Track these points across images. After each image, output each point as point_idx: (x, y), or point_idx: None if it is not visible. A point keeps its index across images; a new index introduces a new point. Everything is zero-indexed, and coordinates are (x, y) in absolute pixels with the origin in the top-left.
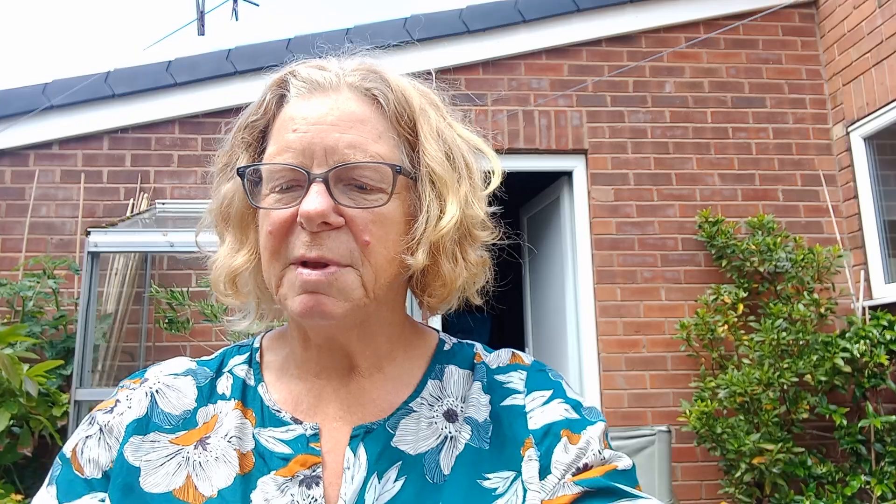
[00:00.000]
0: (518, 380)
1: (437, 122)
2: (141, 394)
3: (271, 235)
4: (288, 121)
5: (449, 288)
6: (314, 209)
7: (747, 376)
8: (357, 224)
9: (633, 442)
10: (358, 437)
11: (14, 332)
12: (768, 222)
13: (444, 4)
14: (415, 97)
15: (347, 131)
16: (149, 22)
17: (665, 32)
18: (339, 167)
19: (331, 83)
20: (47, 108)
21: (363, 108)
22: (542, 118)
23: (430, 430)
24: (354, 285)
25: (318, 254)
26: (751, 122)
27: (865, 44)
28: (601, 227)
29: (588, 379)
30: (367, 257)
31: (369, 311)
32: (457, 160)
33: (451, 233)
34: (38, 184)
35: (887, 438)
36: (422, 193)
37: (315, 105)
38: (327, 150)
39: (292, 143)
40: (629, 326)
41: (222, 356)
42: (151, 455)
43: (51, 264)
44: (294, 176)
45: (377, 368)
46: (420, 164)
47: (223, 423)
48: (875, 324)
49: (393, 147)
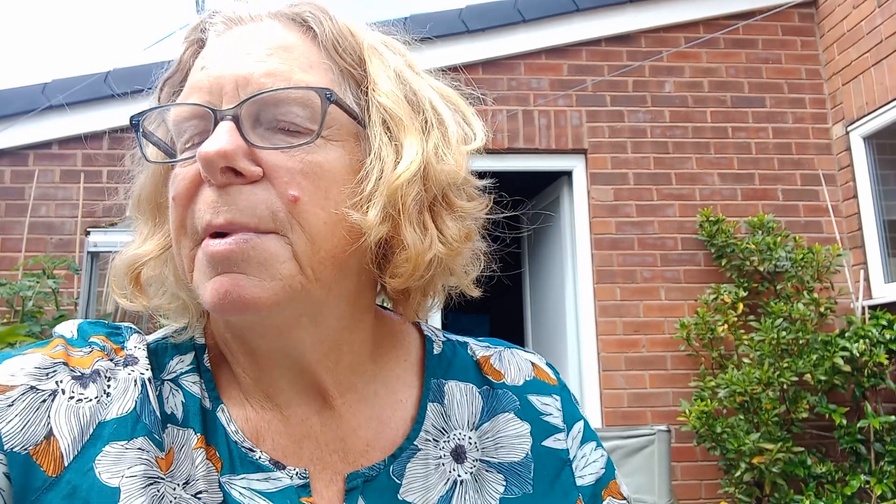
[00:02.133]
0: (556, 410)
1: (396, 63)
2: (127, 379)
3: (175, 202)
4: (199, 61)
5: (414, 263)
6: (213, 149)
7: (747, 376)
8: (280, 175)
9: (633, 441)
10: (356, 490)
11: (14, 331)
12: (768, 222)
13: (444, 4)
14: (365, 32)
15: (265, 59)
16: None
17: (665, 32)
18: (253, 98)
19: (252, 14)
20: (47, 107)
21: (290, 35)
22: (542, 118)
23: (439, 475)
24: (282, 256)
25: (226, 217)
26: (750, 122)
27: (865, 43)
28: (601, 227)
29: (588, 378)
30: (297, 218)
31: (314, 298)
32: (422, 104)
33: (413, 186)
34: (37, 184)
35: (887, 438)
36: (371, 137)
37: (231, 38)
38: (239, 81)
39: (199, 82)
40: (629, 326)
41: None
42: (137, 469)
43: (50, 264)
44: (203, 124)
45: (348, 387)
46: (370, 104)
47: (181, 462)
48: (875, 323)
49: (330, 80)
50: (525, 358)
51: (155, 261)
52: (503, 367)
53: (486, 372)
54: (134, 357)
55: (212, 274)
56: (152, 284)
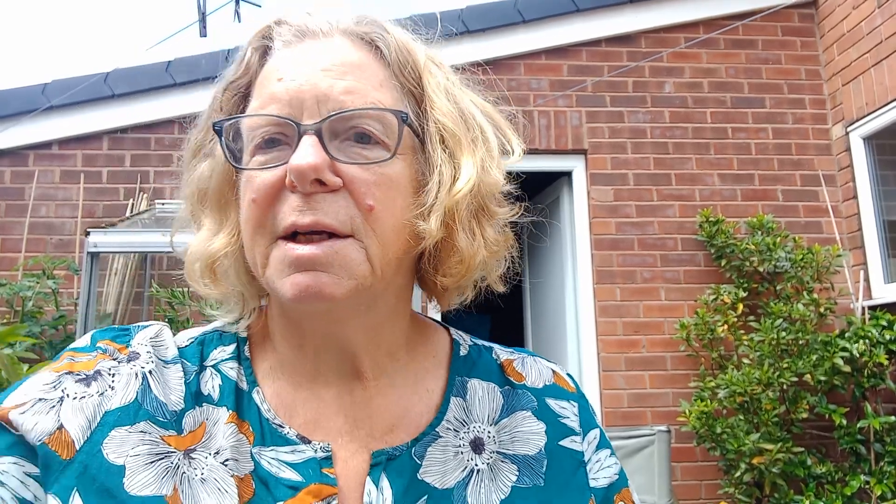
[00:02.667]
0: (573, 415)
1: (444, 80)
2: (129, 373)
3: (255, 204)
4: (272, 71)
5: (467, 265)
6: (307, 162)
7: (747, 376)
8: (358, 186)
9: (633, 442)
10: (379, 466)
11: (14, 332)
12: (768, 222)
13: (444, 4)
14: (419, 50)
15: (343, 77)
16: (150, 23)
17: (665, 32)
18: (335, 115)
19: (321, 29)
20: (47, 108)
21: (361, 55)
22: (542, 118)
23: (457, 462)
24: (359, 259)
25: (312, 219)
26: (750, 123)
27: (865, 44)
28: (601, 228)
29: (588, 379)
30: (372, 225)
31: (376, 293)
32: (469, 120)
33: (467, 199)
34: (37, 184)
35: (886, 438)
36: (431, 154)
37: (304, 51)
38: (319, 97)
39: (278, 94)
40: (629, 326)
41: (200, 343)
42: (140, 449)
43: (50, 264)
44: (280, 131)
45: (382, 371)
46: (428, 120)
47: (213, 435)
48: (874, 323)
49: (396, 99)
50: (546, 366)
51: (226, 255)
52: (525, 371)
53: (509, 374)
54: (136, 353)
55: (291, 271)
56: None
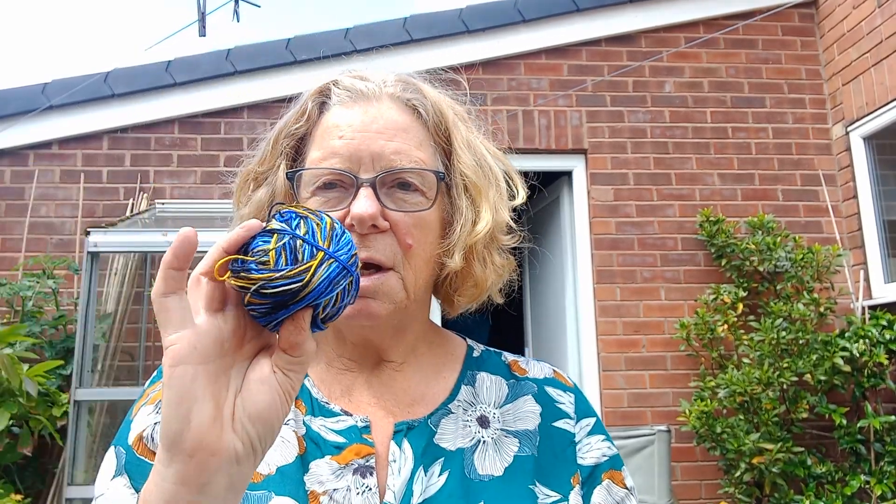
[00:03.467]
0: (569, 403)
1: (466, 133)
2: None
3: None
4: (332, 128)
5: (480, 288)
6: (367, 212)
7: (747, 376)
8: (401, 228)
9: (633, 441)
10: (401, 433)
11: (14, 332)
12: (768, 222)
13: (444, 4)
14: (448, 110)
15: (392, 139)
16: (149, 23)
17: (665, 32)
18: (387, 173)
19: (373, 93)
20: (47, 107)
21: (405, 118)
22: (542, 118)
23: (465, 432)
24: (398, 288)
25: (367, 255)
26: (750, 122)
27: (865, 43)
28: (601, 227)
29: (588, 379)
30: (409, 260)
31: (407, 310)
32: (485, 169)
33: (484, 238)
34: (37, 184)
35: (887, 438)
36: (456, 199)
37: (359, 113)
38: (374, 156)
39: (339, 150)
40: (629, 326)
41: None
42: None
43: (50, 264)
44: (339, 178)
45: (404, 360)
46: (454, 171)
47: None
48: (874, 323)
49: (432, 154)
50: (548, 365)
51: None
52: (528, 367)
53: (514, 370)
54: None
55: None
56: None
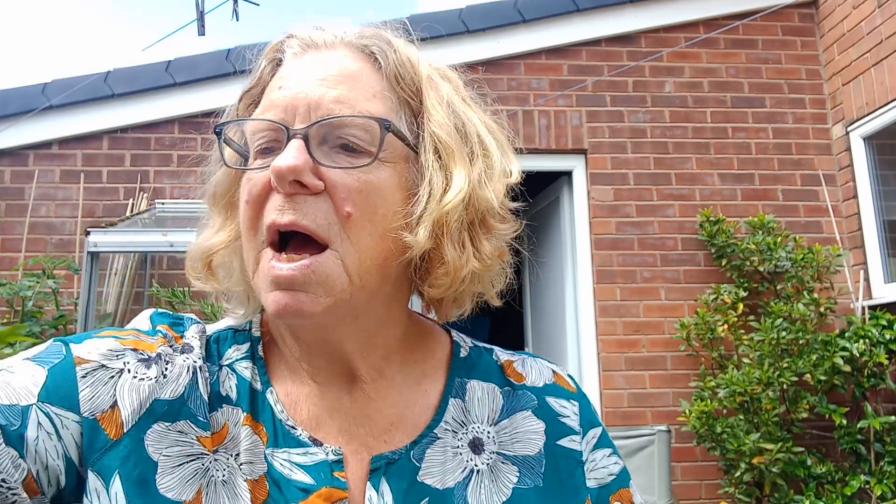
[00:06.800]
0: (573, 414)
1: (449, 93)
2: (182, 365)
3: (247, 205)
4: (277, 80)
5: (452, 277)
6: (285, 164)
7: (747, 376)
8: (338, 191)
9: (633, 442)
10: (379, 471)
11: (14, 332)
12: (768, 222)
13: (444, 4)
14: (422, 63)
15: (336, 86)
16: (149, 22)
17: (665, 32)
18: (321, 122)
19: (326, 41)
20: (47, 107)
21: (358, 65)
22: (542, 118)
23: (456, 462)
24: (336, 273)
25: (290, 218)
26: (750, 122)
27: (865, 44)
28: (601, 227)
29: (588, 379)
30: (349, 233)
31: (358, 304)
32: (470, 135)
33: (457, 211)
34: (37, 184)
35: (887, 438)
36: (424, 164)
37: (306, 63)
38: (311, 104)
39: (277, 101)
40: (629, 326)
41: (215, 341)
42: (174, 450)
43: (50, 264)
44: (276, 136)
45: (379, 373)
46: (424, 132)
47: (234, 437)
48: (874, 323)
49: (389, 109)
50: (546, 366)
51: (225, 250)
52: (525, 371)
53: (509, 374)
54: (190, 346)
55: (272, 288)
56: (221, 270)
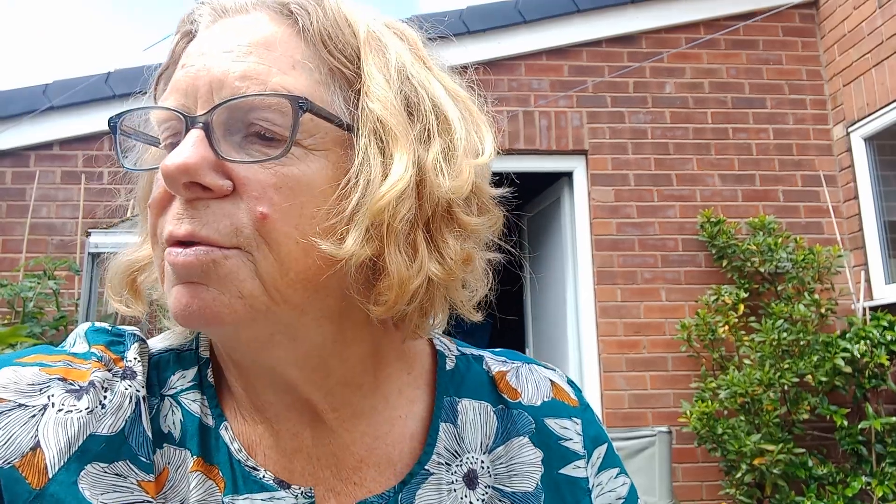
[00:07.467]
0: (576, 435)
1: (399, 57)
2: (124, 394)
3: (150, 210)
4: (184, 56)
5: (397, 291)
6: (174, 163)
7: (748, 377)
8: (251, 189)
9: (634, 443)
10: None
11: (14, 332)
12: (769, 223)
13: (444, 5)
14: (361, 21)
15: (244, 58)
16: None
17: (665, 33)
18: (222, 105)
19: (238, 5)
20: (48, 108)
21: (273, 30)
22: (543, 119)
23: (451, 501)
24: (242, 274)
25: (187, 229)
26: (751, 123)
27: (866, 44)
28: (601, 228)
29: (588, 380)
30: (265, 237)
31: (285, 319)
32: (424, 107)
33: (400, 205)
34: (38, 184)
35: (888, 439)
36: (358, 150)
37: (215, 31)
38: (213, 83)
39: (178, 82)
40: (629, 327)
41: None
42: (111, 496)
43: (51, 265)
44: (179, 126)
45: (342, 402)
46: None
47: (175, 484)
48: (875, 324)
49: (314, 82)
50: (544, 376)
51: (150, 266)
52: (520, 385)
53: (502, 389)
54: (133, 371)
55: (175, 282)
56: (150, 289)
